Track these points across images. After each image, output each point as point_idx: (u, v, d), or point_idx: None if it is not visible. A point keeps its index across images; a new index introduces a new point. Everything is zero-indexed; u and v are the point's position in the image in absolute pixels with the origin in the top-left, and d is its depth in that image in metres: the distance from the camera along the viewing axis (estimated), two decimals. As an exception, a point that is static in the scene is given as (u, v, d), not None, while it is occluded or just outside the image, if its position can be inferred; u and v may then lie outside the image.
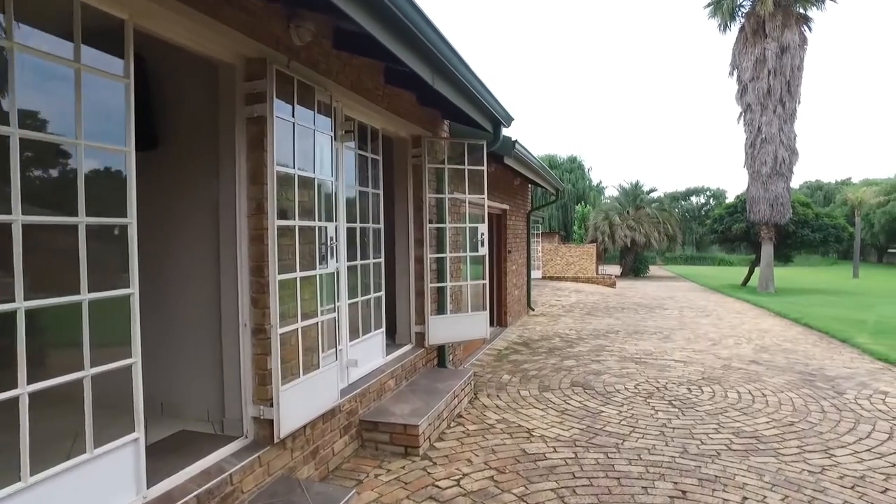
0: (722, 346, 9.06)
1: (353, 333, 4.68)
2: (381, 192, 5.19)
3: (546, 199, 14.52)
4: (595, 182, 55.26)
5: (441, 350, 6.37)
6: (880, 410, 5.61)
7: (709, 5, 21.24)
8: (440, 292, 6.19)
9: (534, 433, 4.90)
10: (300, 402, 3.49)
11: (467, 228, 6.25)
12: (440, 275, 6.19)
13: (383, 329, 5.22)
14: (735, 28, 20.69)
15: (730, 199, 44.52)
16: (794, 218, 20.33)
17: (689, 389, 6.34)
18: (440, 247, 6.18)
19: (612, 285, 22.63)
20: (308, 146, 3.68)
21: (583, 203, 41.65)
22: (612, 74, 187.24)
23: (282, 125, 3.37)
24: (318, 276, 3.70)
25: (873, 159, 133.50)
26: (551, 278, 24.26)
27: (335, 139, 4.36)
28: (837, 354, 8.51)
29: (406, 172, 5.95)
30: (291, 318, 3.44)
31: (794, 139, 19.54)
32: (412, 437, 4.35)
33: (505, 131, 6.61)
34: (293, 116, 3.47)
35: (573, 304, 14.98)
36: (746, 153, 20.24)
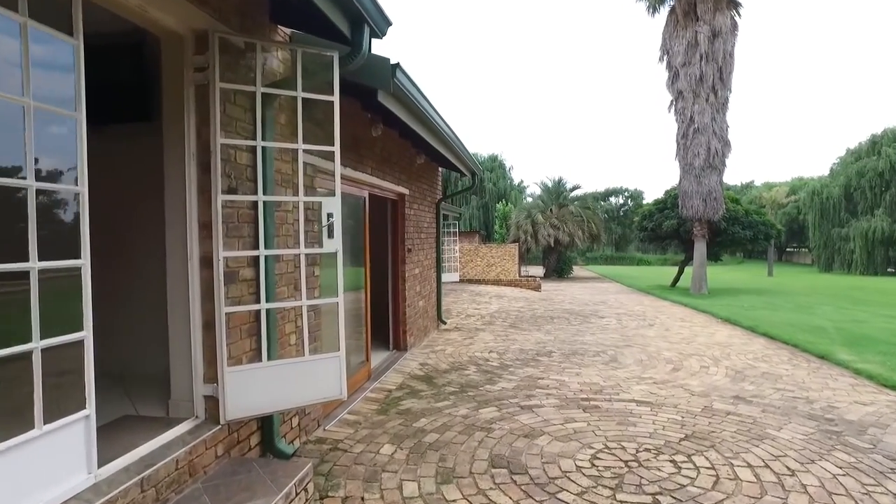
0: (687, 371, 6.88)
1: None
2: (80, 114, 2.39)
3: (462, 185, 12.03)
4: (517, 181, 54.20)
5: (266, 423, 3.65)
6: (979, 498, 3.46)
7: (636, -15, 19.69)
8: (255, 321, 3.47)
9: None
10: None
11: (301, 204, 3.52)
12: (255, 289, 3.47)
13: (90, 411, 2.42)
14: (665, 11, 19.26)
15: (647, 200, 44.43)
16: (724, 214, 19.10)
17: (674, 464, 3.97)
18: (254, 237, 3.46)
19: (537, 288, 20.63)
20: None
21: (504, 201, 39.88)
22: (532, 72, 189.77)
23: None
24: None
25: (771, 164, 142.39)
26: (470, 281, 21.98)
27: None
28: (831, 380, 6.52)
29: (182, 99, 3.19)
30: None
31: (727, 130, 18.27)
32: None
33: (379, 50, 3.98)
34: None
35: (494, 314, 12.61)
36: (678, 144, 18.79)
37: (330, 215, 3.45)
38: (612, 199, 70.53)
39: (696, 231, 18.96)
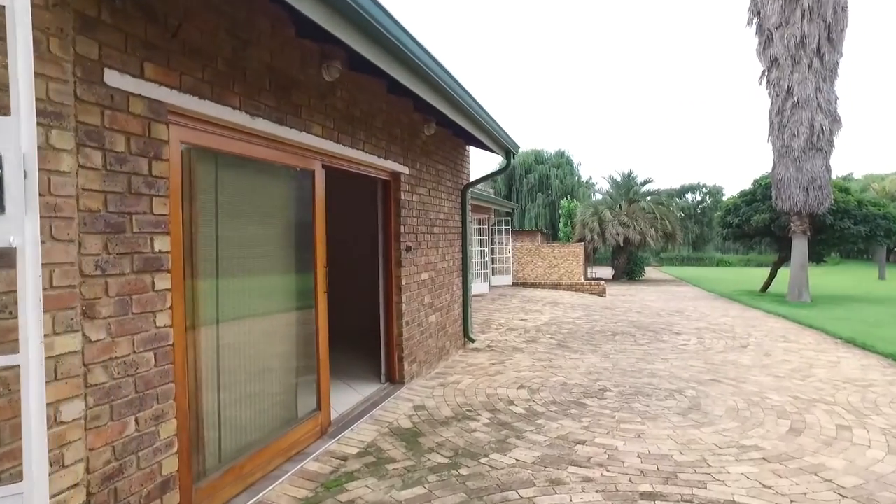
0: (815, 435, 4.42)
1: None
2: None
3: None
4: (585, 178, 51.22)
5: None
6: None
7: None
8: None
9: None
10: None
11: None
12: None
13: None
14: (754, -37, 16.14)
15: (727, 196, 40.00)
16: (831, 206, 15.77)
17: None
18: None
19: (601, 293, 18.05)
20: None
21: (568, 197, 37.08)
22: (600, 66, 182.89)
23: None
24: None
25: (871, 154, 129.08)
26: (525, 285, 19.69)
27: None
28: None
29: None
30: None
31: (836, 102, 15.02)
32: None
33: None
34: None
35: (542, 327, 10.34)
36: (772, 122, 15.68)
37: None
38: (689, 196, 65.62)
39: (795, 226, 15.77)
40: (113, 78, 2.39)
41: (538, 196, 44.68)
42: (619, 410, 5.11)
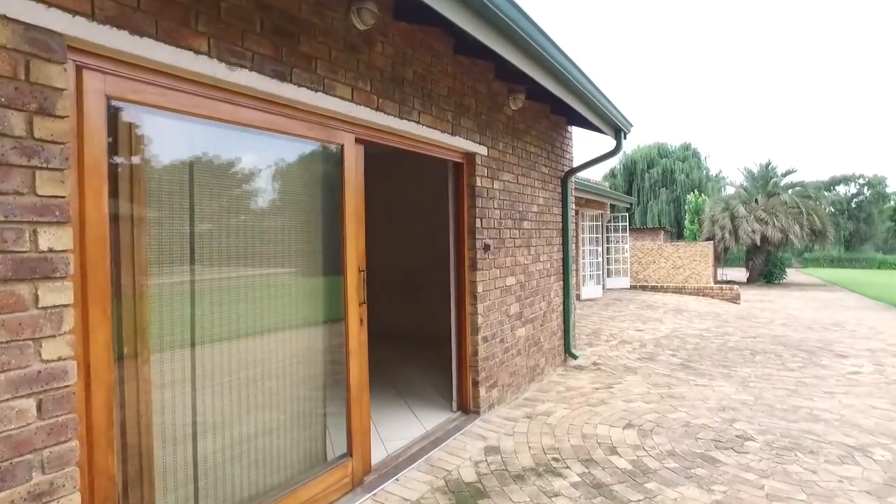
0: None
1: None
2: None
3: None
4: (713, 172, 46.90)
5: None
6: None
7: None
8: None
9: None
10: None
11: None
12: None
13: None
14: None
15: (892, 188, 34.18)
16: None
17: None
18: None
19: (734, 299, 15.65)
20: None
21: (695, 192, 33.69)
22: (730, 49, 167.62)
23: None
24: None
25: None
26: (644, 288, 17.72)
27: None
28: None
29: None
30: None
31: None
32: None
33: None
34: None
35: (662, 340, 8.71)
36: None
37: None
38: (840, 189, 57.73)
39: None
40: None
41: (661, 191, 41.71)
42: (768, 476, 3.63)
